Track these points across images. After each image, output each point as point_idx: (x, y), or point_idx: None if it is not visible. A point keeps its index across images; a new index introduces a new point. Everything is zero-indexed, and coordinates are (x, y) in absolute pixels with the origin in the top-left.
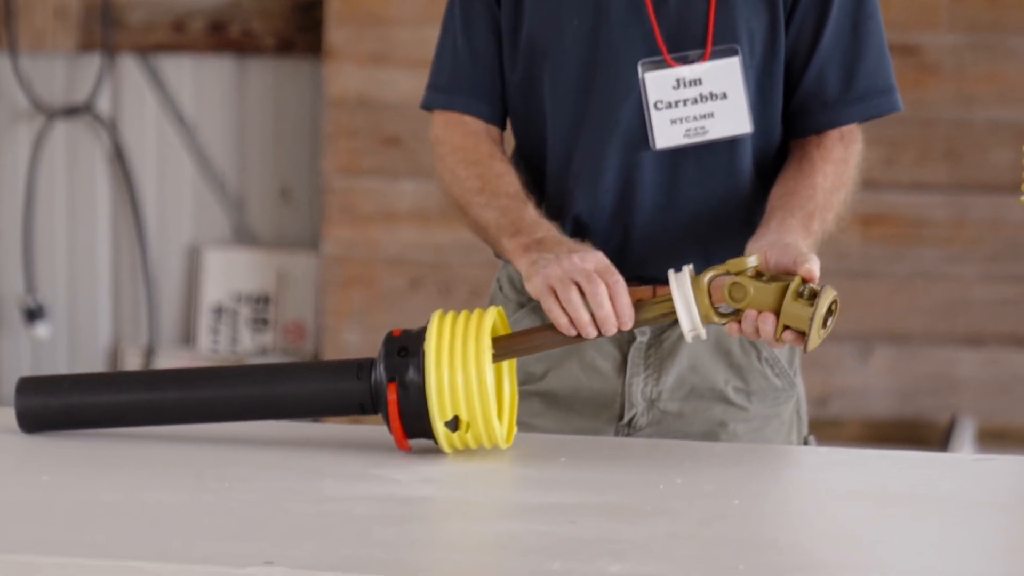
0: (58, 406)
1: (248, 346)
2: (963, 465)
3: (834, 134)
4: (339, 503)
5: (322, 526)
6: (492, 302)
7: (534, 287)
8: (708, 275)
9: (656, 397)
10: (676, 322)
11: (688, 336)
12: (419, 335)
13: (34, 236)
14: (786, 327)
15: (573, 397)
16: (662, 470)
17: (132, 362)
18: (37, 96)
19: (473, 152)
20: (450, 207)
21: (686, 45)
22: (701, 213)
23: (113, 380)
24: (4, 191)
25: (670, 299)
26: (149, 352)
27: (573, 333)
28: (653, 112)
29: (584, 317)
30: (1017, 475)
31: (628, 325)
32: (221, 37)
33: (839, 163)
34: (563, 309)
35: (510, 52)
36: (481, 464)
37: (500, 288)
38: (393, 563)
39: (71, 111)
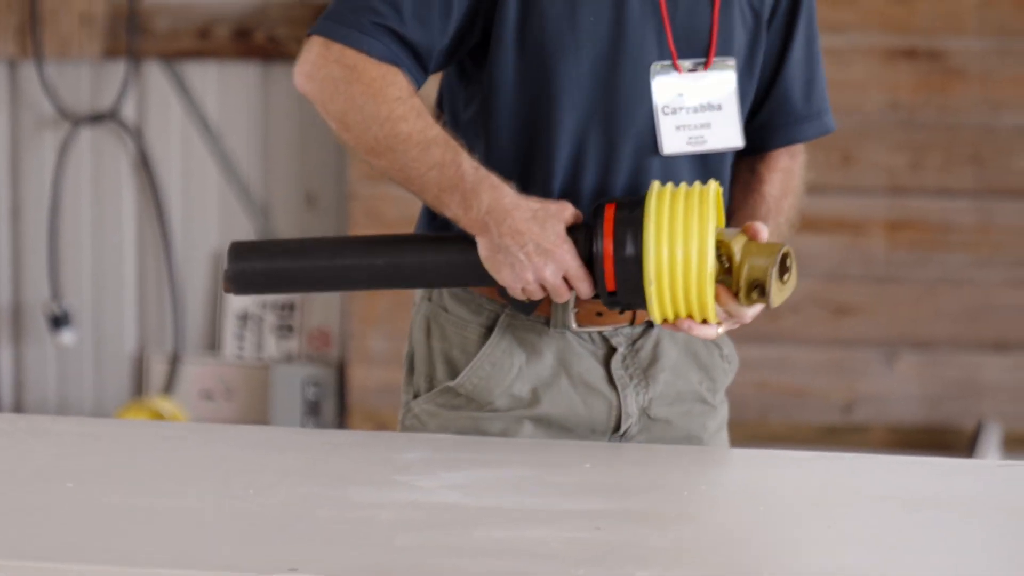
0: (263, 269)
1: (274, 353)
2: (988, 471)
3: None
4: (364, 509)
5: (347, 532)
6: (433, 323)
7: (503, 280)
8: None
9: (647, 405)
10: (646, 330)
11: None
12: (634, 203)
13: (60, 243)
14: (751, 285)
15: (569, 416)
16: (687, 476)
17: (157, 369)
18: (62, 103)
19: (391, 88)
20: (356, 147)
21: (692, 52)
22: None
23: (317, 244)
24: (30, 198)
25: None
26: (174, 359)
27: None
28: (661, 117)
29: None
30: None
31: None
32: (246, 43)
33: (784, 172)
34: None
35: (513, 45)
36: (506, 470)
37: (444, 308)
38: (418, 570)
39: (96, 118)
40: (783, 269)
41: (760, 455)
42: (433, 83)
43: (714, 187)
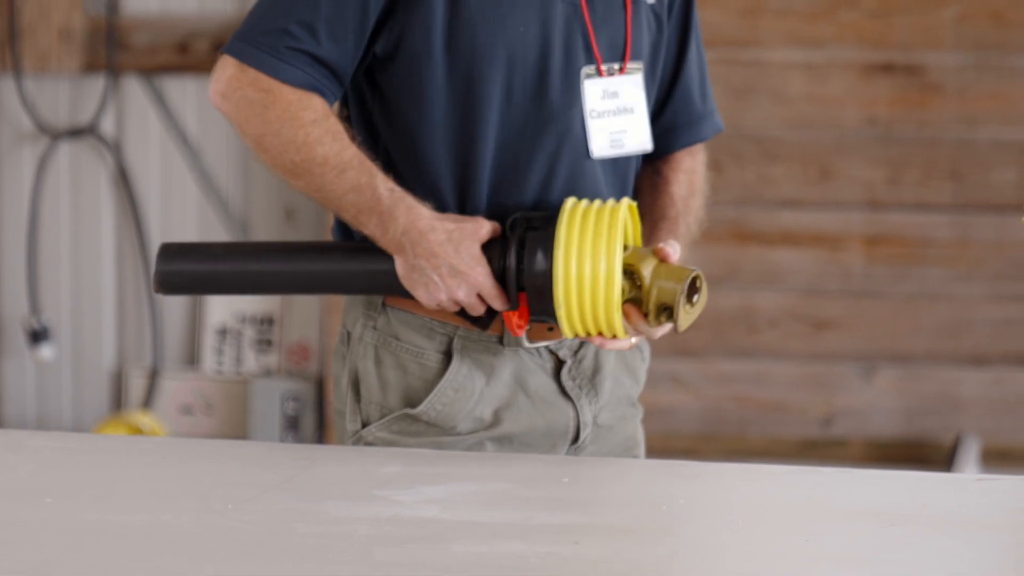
0: (190, 272)
1: (253, 367)
2: (967, 485)
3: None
4: (342, 524)
5: (325, 547)
6: (383, 351)
7: (419, 298)
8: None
9: (597, 413)
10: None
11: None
12: (547, 219)
13: (38, 258)
14: (659, 308)
15: (529, 433)
16: (664, 490)
17: (136, 383)
18: (41, 118)
19: (306, 111)
20: (273, 167)
21: (610, 57)
22: None
23: (246, 249)
24: (8, 213)
25: None
26: (153, 373)
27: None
28: (589, 121)
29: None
30: (1020, 495)
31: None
32: None
33: (689, 172)
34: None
35: (442, 58)
36: (484, 484)
37: (396, 336)
38: None
39: (75, 132)
40: (692, 292)
41: (738, 469)
42: None
43: (626, 204)
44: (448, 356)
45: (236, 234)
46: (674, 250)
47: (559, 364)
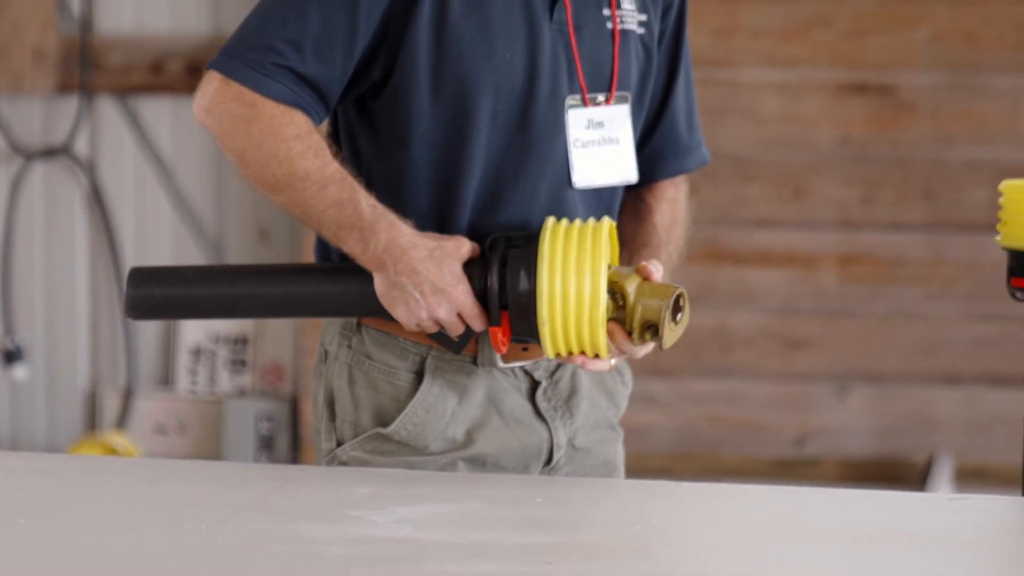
0: (161, 296)
1: (227, 387)
2: (940, 504)
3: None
4: (315, 544)
5: (299, 568)
6: (356, 370)
7: (398, 316)
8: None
9: (573, 435)
10: (561, 363)
11: None
12: (528, 238)
13: (12, 278)
14: (644, 326)
15: (502, 454)
16: (638, 510)
17: (110, 403)
18: (15, 138)
19: (289, 126)
20: (255, 182)
21: (596, 87)
22: None
23: (219, 272)
24: None
25: None
26: (127, 393)
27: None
28: (572, 150)
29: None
30: (994, 514)
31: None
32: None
33: (671, 201)
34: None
35: (428, 82)
36: (457, 505)
37: (368, 355)
38: None
39: (49, 152)
40: (676, 310)
41: (712, 489)
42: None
43: (607, 224)
44: (420, 376)
45: (210, 254)
46: (657, 269)
47: (534, 385)
